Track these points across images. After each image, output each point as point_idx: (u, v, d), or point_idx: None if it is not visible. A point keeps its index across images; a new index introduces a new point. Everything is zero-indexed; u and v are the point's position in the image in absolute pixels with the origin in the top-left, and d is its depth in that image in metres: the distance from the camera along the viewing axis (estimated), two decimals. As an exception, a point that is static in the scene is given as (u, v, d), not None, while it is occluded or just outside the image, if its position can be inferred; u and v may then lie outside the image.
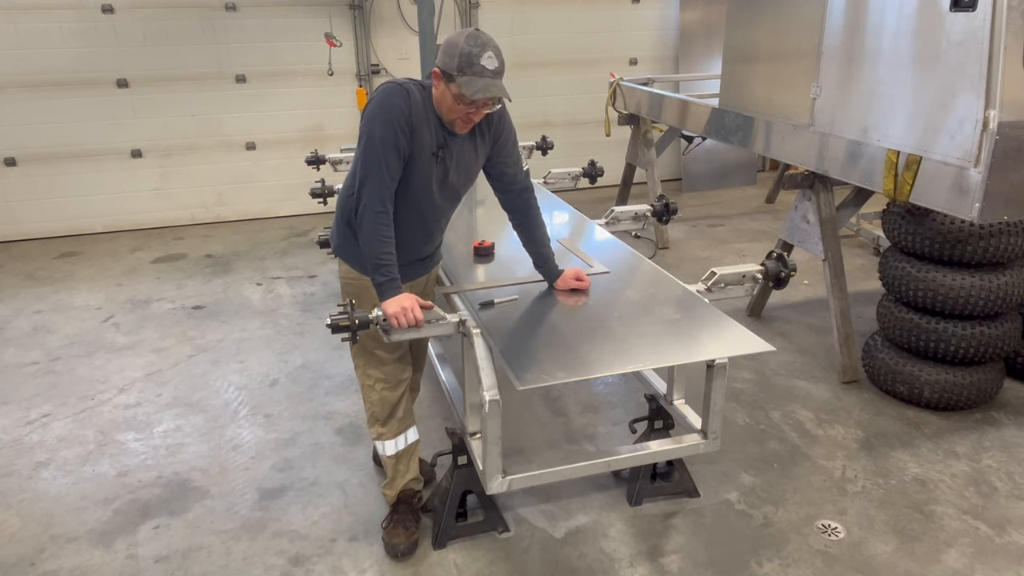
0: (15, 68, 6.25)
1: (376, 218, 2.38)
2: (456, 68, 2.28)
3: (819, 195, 4.11)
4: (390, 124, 2.32)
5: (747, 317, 4.85)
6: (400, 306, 2.43)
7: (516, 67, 7.56)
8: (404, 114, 2.33)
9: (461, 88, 2.29)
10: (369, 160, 2.36)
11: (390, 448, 2.86)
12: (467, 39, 2.29)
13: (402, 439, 2.88)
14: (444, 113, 2.41)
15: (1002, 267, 3.56)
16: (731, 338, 2.54)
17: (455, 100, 2.34)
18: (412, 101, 2.35)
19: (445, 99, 2.37)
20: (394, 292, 2.44)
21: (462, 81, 2.28)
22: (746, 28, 4.58)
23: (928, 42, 3.22)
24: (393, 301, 2.44)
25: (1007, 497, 3.14)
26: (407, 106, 2.34)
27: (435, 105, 2.42)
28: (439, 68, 2.33)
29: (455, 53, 2.28)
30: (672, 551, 2.86)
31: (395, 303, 2.43)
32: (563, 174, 4.85)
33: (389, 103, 2.33)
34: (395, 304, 2.43)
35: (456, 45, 2.29)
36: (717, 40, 7.16)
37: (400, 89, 2.35)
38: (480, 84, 2.28)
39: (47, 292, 5.47)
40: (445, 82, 2.34)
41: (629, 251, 3.36)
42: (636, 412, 3.37)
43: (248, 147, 7.02)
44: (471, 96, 2.29)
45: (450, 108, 2.37)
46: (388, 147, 2.34)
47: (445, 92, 2.35)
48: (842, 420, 3.70)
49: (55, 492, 3.25)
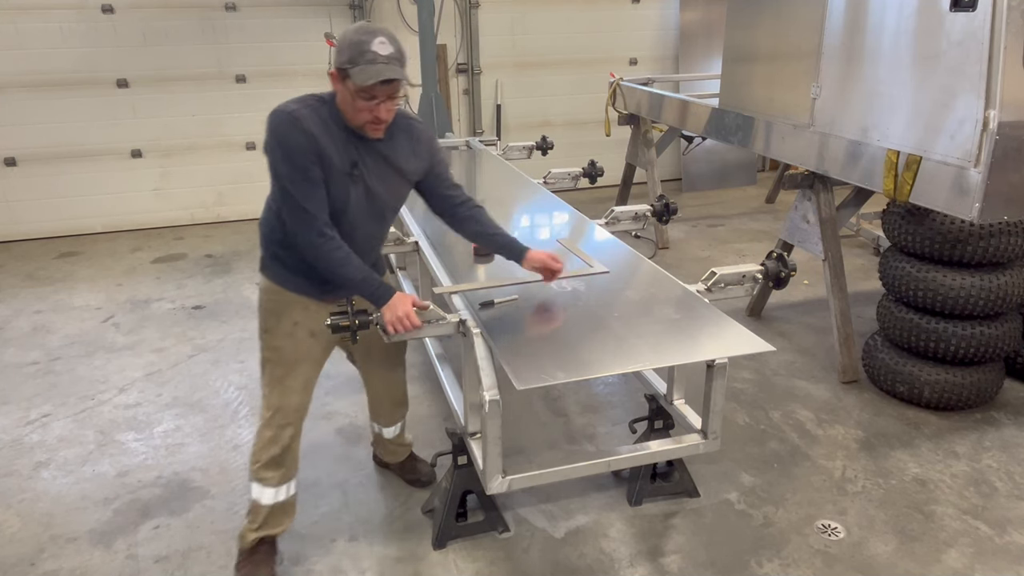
0: (15, 68, 6.25)
1: (322, 247, 2.26)
2: (348, 60, 2.14)
3: (819, 195, 4.11)
4: (290, 159, 2.19)
5: (747, 317, 4.85)
6: (395, 315, 2.36)
7: (516, 67, 7.58)
8: (302, 144, 2.18)
9: (355, 79, 2.13)
10: (288, 201, 2.23)
11: (268, 496, 2.64)
12: (356, 30, 2.17)
13: (284, 490, 2.68)
14: (351, 118, 2.25)
15: (1002, 267, 3.56)
16: (731, 338, 2.54)
17: (354, 97, 2.18)
18: (308, 125, 2.19)
19: (346, 101, 2.22)
20: (388, 295, 2.37)
21: (354, 72, 2.13)
22: (746, 28, 4.58)
23: (928, 42, 3.22)
24: (389, 308, 2.36)
25: (1007, 497, 3.14)
26: (303, 134, 2.18)
27: (343, 114, 2.27)
28: (334, 69, 2.19)
29: (344, 46, 2.15)
30: (672, 551, 2.86)
31: (391, 311, 2.36)
32: (563, 174, 4.85)
33: (284, 137, 2.18)
34: (391, 312, 2.36)
35: (345, 38, 2.16)
36: (717, 40, 7.16)
37: (289, 118, 2.18)
38: (372, 70, 2.12)
39: (47, 292, 5.48)
40: (342, 81, 2.19)
41: (629, 251, 3.36)
42: (636, 412, 3.36)
43: (248, 147, 7.02)
44: (364, 83, 2.12)
45: (353, 109, 2.22)
46: (299, 182, 2.20)
47: (344, 93, 2.20)
48: (842, 420, 3.70)
49: (55, 492, 3.25)
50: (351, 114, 2.24)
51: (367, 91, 2.15)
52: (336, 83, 2.22)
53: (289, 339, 2.54)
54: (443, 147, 2.47)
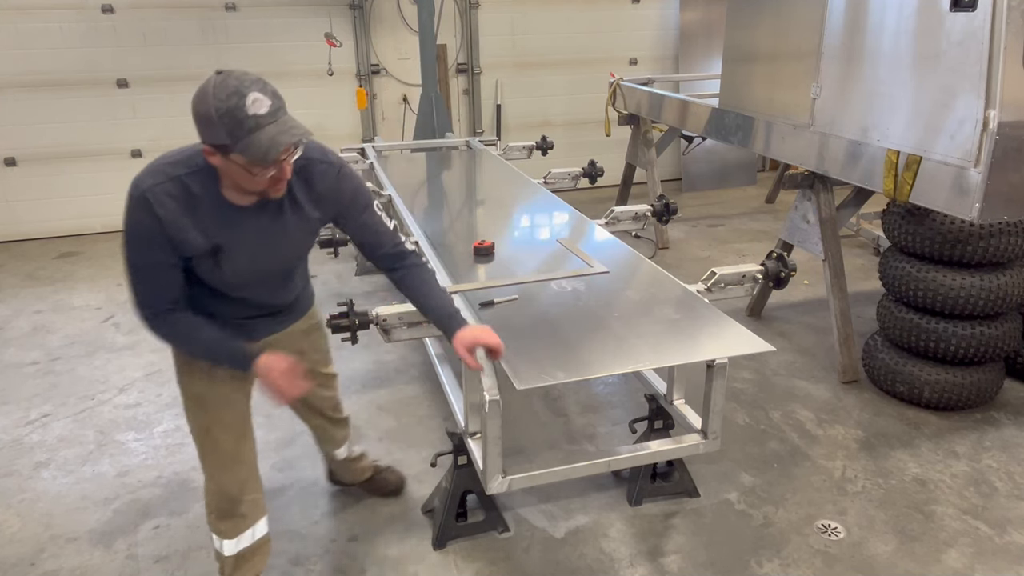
0: (15, 68, 6.25)
1: (159, 328, 2.04)
2: (227, 136, 1.74)
3: (819, 195, 4.11)
4: (131, 243, 1.95)
5: (747, 317, 4.85)
6: (272, 383, 2.08)
7: (516, 67, 7.58)
8: (148, 229, 1.89)
9: (247, 157, 1.76)
10: (134, 283, 2.00)
11: (229, 547, 2.40)
12: (215, 94, 1.74)
13: (247, 536, 2.41)
14: (246, 188, 1.89)
15: (1002, 267, 3.56)
16: (731, 338, 2.54)
17: (248, 171, 1.81)
18: (160, 209, 1.87)
19: (234, 174, 1.84)
20: (247, 361, 2.08)
21: (242, 148, 1.75)
22: (746, 28, 4.58)
23: (928, 42, 3.22)
24: (259, 367, 2.07)
25: (1007, 497, 3.14)
26: (151, 219, 1.87)
27: (227, 181, 1.91)
28: (206, 146, 1.81)
29: (213, 119, 1.74)
30: (672, 551, 2.86)
31: (264, 379, 2.08)
32: (563, 174, 4.85)
33: (129, 219, 1.92)
34: (266, 381, 2.08)
35: (208, 108, 1.74)
36: (717, 40, 7.16)
37: (140, 201, 1.87)
38: (265, 140, 1.75)
39: (47, 292, 5.48)
40: (222, 157, 1.80)
41: (629, 251, 3.36)
42: (636, 412, 3.36)
43: (248, 147, 7.01)
44: (265, 161, 1.77)
45: (250, 181, 1.84)
46: (137, 268, 1.98)
47: (229, 167, 1.82)
48: (842, 420, 3.70)
49: (55, 492, 3.25)
50: (248, 184, 1.86)
51: (263, 167, 1.81)
52: (214, 157, 1.82)
53: (207, 382, 2.24)
54: (366, 187, 2.21)
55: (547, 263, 3.25)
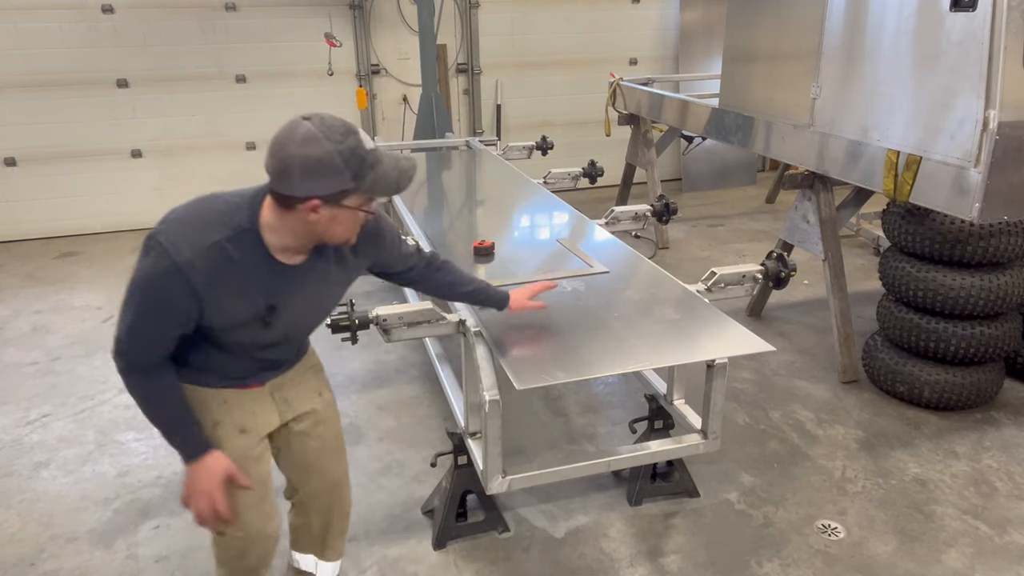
0: (15, 68, 6.25)
1: (146, 380, 1.82)
2: (351, 178, 1.65)
3: (819, 195, 4.11)
4: (152, 309, 1.72)
5: (747, 317, 4.85)
6: (195, 489, 1.89)
7: (516, 67, 7.58)
8: (179, 301, 1.70)
9: (376, 193, 1.71)
10: (129, 334, 1.75)
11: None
12: (328, 137, 1.63)
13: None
14: (338, 236, 1.76)
15: (1002, 267, 3.56)
16: (731, 338, 2.54)
17: (356, 213, 1.73)
18: (200, 279, 1.68)
19: (339, 222, 1.72)
20: (196, 452, 1.89)
21: (370, 185, 1.68)
22: (746, 28, 4.58)
23: (928, 42, 3.22)
24: (190, 478, 1.89)
25: (1007, 497, 3.14)
26: (186, 291, 1.68)
27: (310, 240, 1.77)
28: (319, 197, 1.64)
29: (337, 163, 1.62)
30: (672, 551, 2.86)
31: (191, 483, 1.89)
32: (563, 174, 4.85)
33: (157, 287, 1.69)
34: (191, 485, 1.90)
35: (328, 153, 1.62)
36: (717, 40, 7.16)
37: (173, 271, 1.66)
38: (391, 172, 1.70)
39: (47, 292, 5.47)
40: (333, 206, 1.67)
41: (629, 251, 3.36)
42: (636, 412, 3.36)
43: (248, 147, 7.02)
44: (398, 190, 1.74)
45: (347, 224, 1.74)
46: (142, 332, 1.76)
47: (337, 215, 1.69)
48: (842, 420, 3.70)
49: (55, 492, 3.25)
50: (343, 233, 1.76)
51: (375, 198, 1.76)
52: (319, 211, 1.66)
53: (215, 444, 2.00)
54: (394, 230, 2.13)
55: (547, 263, 3.25)
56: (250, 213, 1.74)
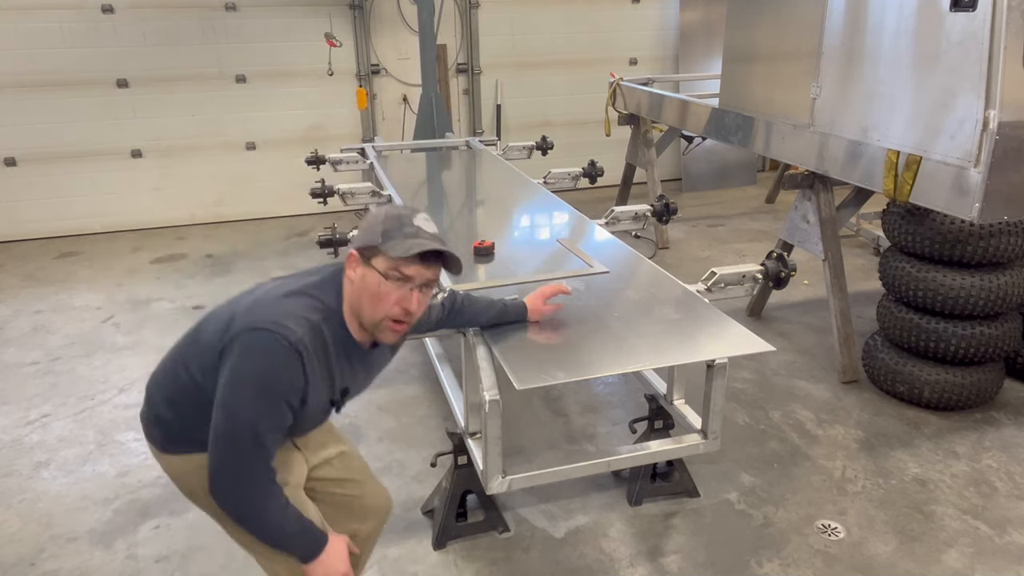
0: (15, 68, 6.25)
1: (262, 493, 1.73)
2: (381, 235, 1.70)
3: (819, 195, 4.11)
4: (272, 399, 1.67)
5: (747, 317, 4.85)
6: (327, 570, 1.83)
7: (516, 67, 7.58)
8: (298, 387, 1.69)
9: (390, 252, 1.70)
10: (238, 431, 1.67)
11: None
12: (389, 209, 1.76)
13: None
14: (369, 314, 1.75)
15: (1002, 267, 3.56)
16: (731, 338, 2.54)
17: (380, 283, 1.71)
18: (310, 361, 1.69)
19: (367, 289, 1.72)
20: (320, 546, 1.83)
21: (389, 246, 1.70)
22: (746, 28, 4.58)
23: (928, 42, 3.22)
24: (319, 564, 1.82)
25: (1007, 497, 3.14)
26: (301, 375, 1.68)
27: (352, 312, 1.78)
28: (355, 250, 1.73)
29: (376, 223, 1.72)
30: (672, 551, 2.86)
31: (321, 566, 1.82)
32: (563, 174, 4.85)
33: (276, 372, 1.66)
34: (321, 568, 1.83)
35: (379, 215, 1.74)
36: (717, 40, 7.15)
37: (291, 352, 1.65)
38: (412, 242, 1.71)
39: (47, 292, 5.47)
40: (365, 263, 1.72)
41: (629, 251, 3.36)
42: (636, 412, 3.36)
43: (248, 147, 7.02)
44: (401, 255, 1.69)
45: (375, 299, 1.72)
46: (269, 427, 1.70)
47: (366, 277, 1.72)
48: (842, 420, 3.70)
49: (55, 492, 3.25)
50: (370, 308, 1.74)
51: (402, 270, 1.72)
52: (355, 268, 1.73)
53: None
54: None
55: (547, 263, 3.25)
56: (336, 292, 1.78)
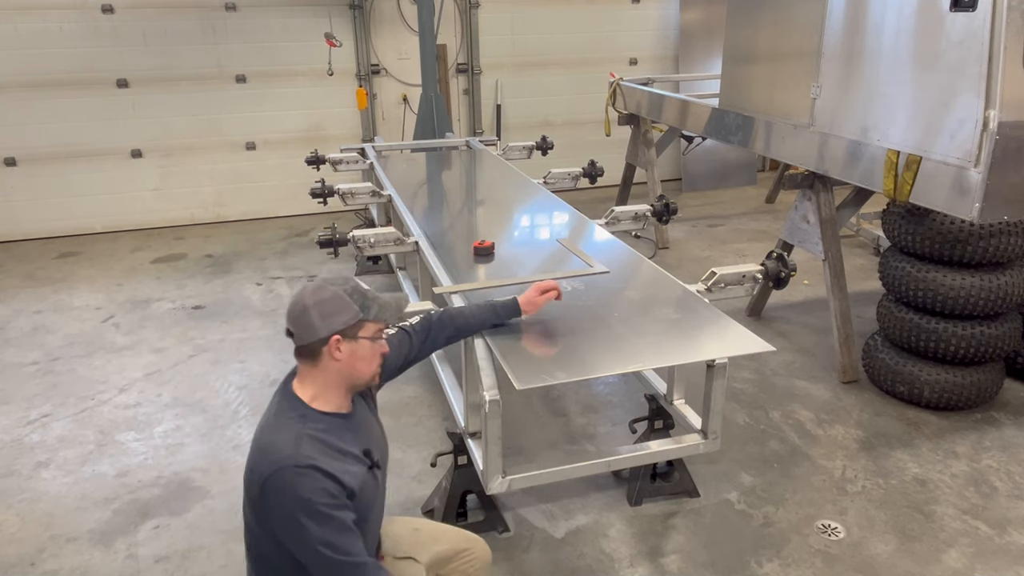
0: (15, 68, 6.25)
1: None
2: (360, 309, 1.86)
3: (819, 195, 4.11)
4: (326, 519, 1.73)
5: (747, 317, 4.85)
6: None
7: (516, 67, 7.59)
8: (331, 492, 1.75)
9: (383, 318, 1.90)
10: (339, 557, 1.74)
11: None
12: (331, 282, 1.88)
13: None
14: (365, 376, 1.91)
15: (1002, 267, 3.56)
16: (731, 338, 2.54)
17: (370, 346, 1.89)
18: (325, 464, 1.76)
19: (362, 358, 1.88)
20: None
21: (377, 311, 1.88)
22: (746, 28, 4.58)
23: (928, 42, 3.22)
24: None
25: (1007, 497, 3.14)
26: (330, 477, 1.75)
27: (343, 386, 1.90)
28: (338, 333, 1.83)
29: (344, 298, 1.85)
30: (672, 551, 2.86)
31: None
32: (563, 174, 4.85)
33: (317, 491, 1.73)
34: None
35: (334, 294, 1.85)
36: (717, 40, 7.15)
37: (311, 470, 1.73)
38: (384, 302, 1.92)
39: (47, 292, 5.47)
40: (351, 340, 1.85)
41: (629, 251, 3.36)
42: (636, 412, 3.36)
43: (248, 147, 7.02)
44: (397, 317, 1.96)
45: (369, 361, 1.91)
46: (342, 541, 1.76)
47: (356, 349, 1.86)
48: (842, 420, 3.70)
49: (55, 492, 3.25)
50: (367, 371, 1.91)
51: (383, 328, 1.94)
52: (340, 348, 1.84)
53: None
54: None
55: (547, 263, 3.25)
56: (292, 400, 1.88)
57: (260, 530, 1.85)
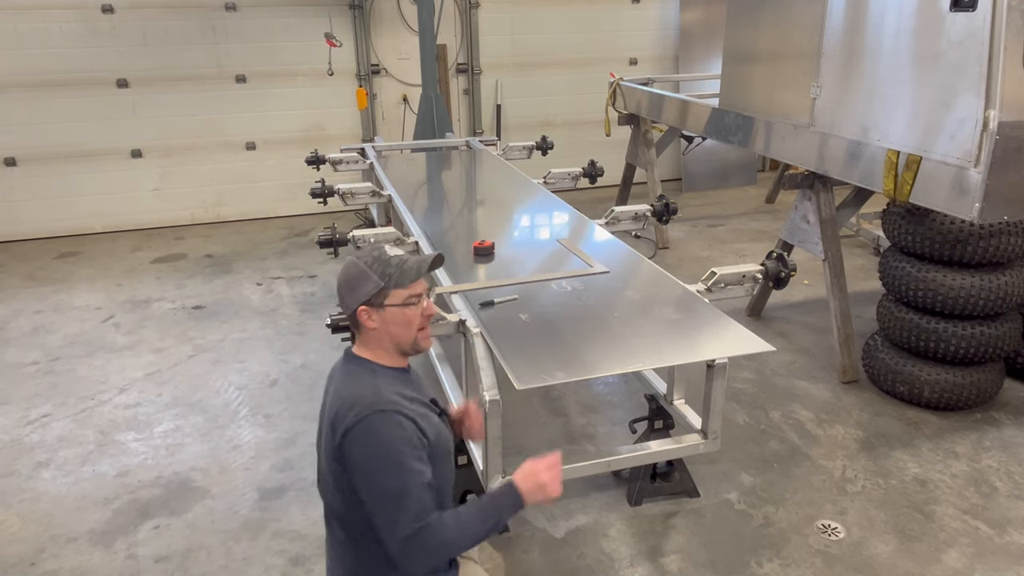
0: (15, 68, 6.25)
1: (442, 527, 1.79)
2: (380, 277, 1.86)
3: (819, 195, 4.11)
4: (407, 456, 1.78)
5: (747, 317, 4.85)
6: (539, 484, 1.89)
7: (516, 67, 7.59)
8: (414, 439, 1.81)
9: (401, 285, 1.87)
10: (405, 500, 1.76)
11: None
12: (359, 257, 1.91)
13: None
14: (405, 341, 1.93)
15: (1002, 267, 3.56)
16: (731, 338, 2.54)
17: (403, 312, 1.89)
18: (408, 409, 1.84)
19: (396, 323, 1.90)
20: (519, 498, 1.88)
21: (397, 278, 1.86)
22: (746, 28, 4.58)
23: (928, 42, 3.22)
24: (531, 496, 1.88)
25: (1007, 497, 3.14)
26: (410, 425, 1.81)
27: (389, 349, 1.94)
28: (364, 307, 1.86)
29: (364, 270, 1.87)
30: (672, 551, 2.86)
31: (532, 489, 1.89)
32: (563, 174, 4.85)
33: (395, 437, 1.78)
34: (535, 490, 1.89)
35: (357, 267, 1.88)
36: (717, 40, 7.15)
37: (394, 416, 1.80)
38: (408, 267, 1.89)
39: (47, 292, 5.47)
40: (379, 308, 1.87)
41: (629, 251, 3.36)
42: (636, 412, 3.36)
43: (248, 147, 7.02)
44: (415, 279, 1.89)
45: (406, 326, 1.91)
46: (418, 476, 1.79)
47: (387, 317, 1.88)
48: (842, 420, 3.70)
49: (55, 492, 3.25)
50: (404, 336, 1.92)
51: (413, 292, 1.90)
52: (371, 318, 1.88)
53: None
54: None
55: (547, 263, 3.25)
56: (358, 360, 1.94)
57: (343, 489, 1.88)
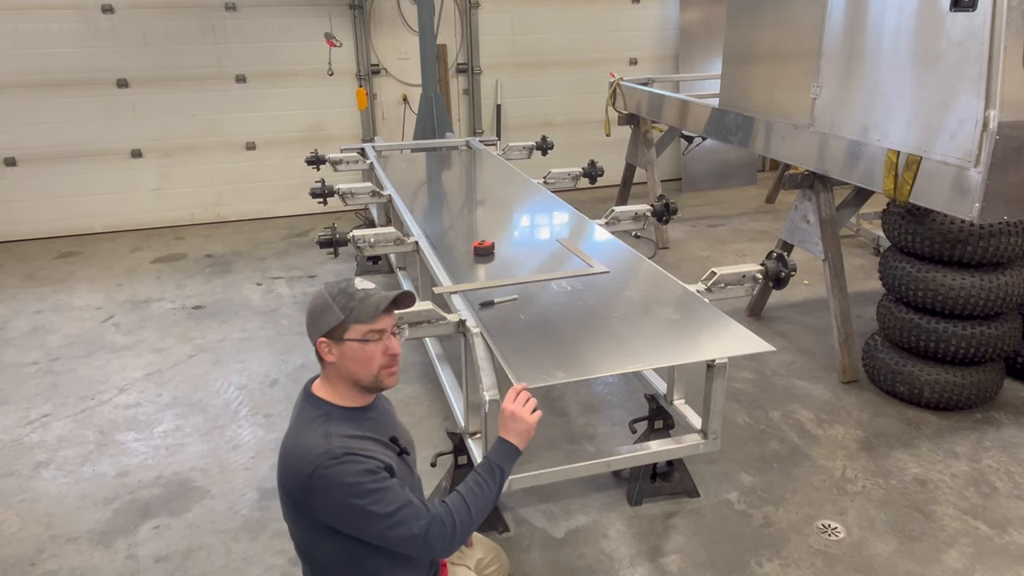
0: (15, 68, 6.25)
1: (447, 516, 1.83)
2: (341, 310, 1.82)
3: (819, 195, 4.11)
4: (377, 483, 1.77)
5: (747, 317, 4.85)
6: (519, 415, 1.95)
7: (516, 67, 7.59)
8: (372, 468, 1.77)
9: (359, 319, 1.82)
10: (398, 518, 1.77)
11: None
12: (327, 289, 1.87)
13: None
14: (365, 377, 1.87)
15: (1002, 267, 3.56)
16: (731, 338, 2.54)
17: (362, 348, 1.83)
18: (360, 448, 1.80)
19: (354, 360, 1.85)
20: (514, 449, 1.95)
21: (357, 312, 1.82)
22: (746, 28, 4.58)
23: (928, 42, 3.22)
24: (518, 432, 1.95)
25: (1007, 497, 3.14)
26: (369, 460, 1.78)
27: (348, 385, 1.89)
28: (324, 339, 1.84)
29: (328, 302, 1.83)
30: (672, 551, 2.86)
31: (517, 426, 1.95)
32: (563, 174, 4.85)
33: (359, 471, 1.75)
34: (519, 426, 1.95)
35: (323, 299, 1.85)
36: (717, 40, 7.15)
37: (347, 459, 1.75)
38: (371, 302, 1.83)
39: (47, 292, 5.47)
40: (338, 342, 1.83)
41: (629, 251, 3.36)
42: (636, 412, 3.36)
43: (248, 147, 7.02)
44: (374, 315, 1.83)
45: (365, 363, 1.85)
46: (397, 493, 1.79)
47: (346, 352, 1.84)
48: (842, 420, 3.70)
49: (55, 492, 3.25)
50: (363, 372, 1.87)
51: (375, 328, 1.84)
52: (331, 351, 1.85)
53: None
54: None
55: (547, 263, 3.25)
56: (314, 400, 1.93)
57: (306, 531, 1.88)
